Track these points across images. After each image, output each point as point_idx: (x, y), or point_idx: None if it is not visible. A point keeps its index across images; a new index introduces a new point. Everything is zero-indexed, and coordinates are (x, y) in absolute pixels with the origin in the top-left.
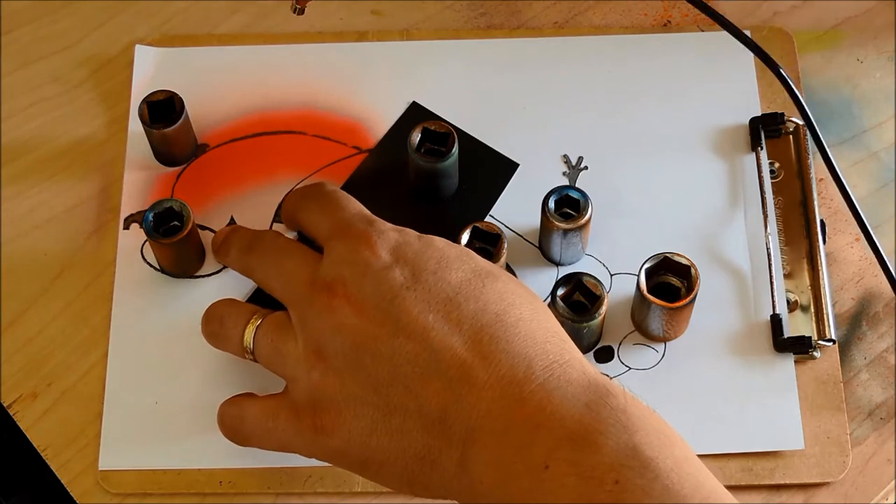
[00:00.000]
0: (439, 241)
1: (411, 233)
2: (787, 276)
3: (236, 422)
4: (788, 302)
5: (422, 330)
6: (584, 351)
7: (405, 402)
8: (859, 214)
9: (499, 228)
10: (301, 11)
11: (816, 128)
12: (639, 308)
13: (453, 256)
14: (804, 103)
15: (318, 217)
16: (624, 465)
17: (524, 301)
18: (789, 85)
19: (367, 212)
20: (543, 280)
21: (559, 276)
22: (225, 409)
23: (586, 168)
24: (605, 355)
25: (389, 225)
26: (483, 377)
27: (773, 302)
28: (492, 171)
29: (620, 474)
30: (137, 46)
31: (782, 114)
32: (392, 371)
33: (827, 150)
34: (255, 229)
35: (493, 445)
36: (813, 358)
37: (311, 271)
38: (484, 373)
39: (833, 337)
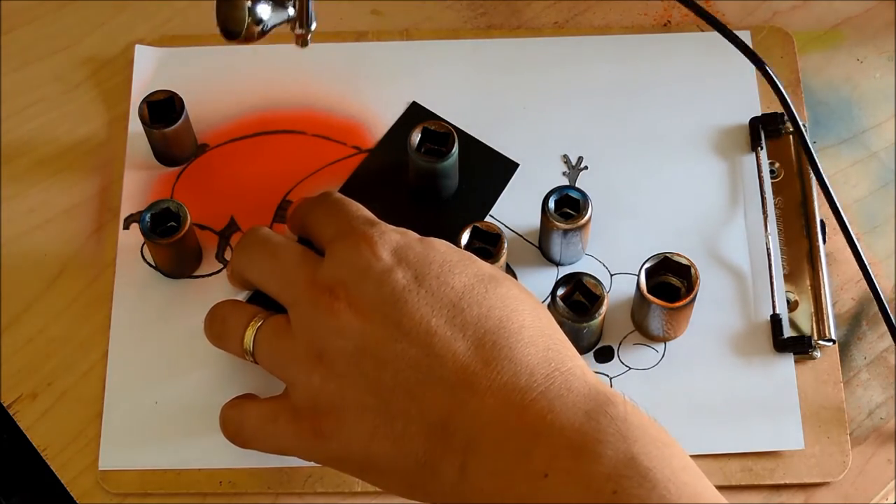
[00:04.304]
0: (441, 245)
1: (413, 235)
2: (787, 276)
3: (237, 425)
4: (788, 302)
5: (425, 335)
6: (584, 351)
7: (407, 408)
8: (845, 225)
9: (499, 228)
10: (305, 44)
11: (806, 135)
12: (639, 308)
13: (456, 260)
14: (795, 113)
15: (322, 221)
16: (622, 474)
17: (527, 307)
18: (782, 95)
19: (370, 215)
20: (543, 280)
21: (559, 276)
22: (226, 412)
23: (586, 168)
24: (605, 355)
25: (391, 227)
26: (485, 384)
27: (773, 302)
28: (492, 171)
29: (618, 484)
30: (137, 46)
31: (782, 114)
32: (394, 376)
33: (816, 160)
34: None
35: (493, 453)
36: (813, 358)
37: (311, 272)
38: (486, 380)
39: (833, 337)
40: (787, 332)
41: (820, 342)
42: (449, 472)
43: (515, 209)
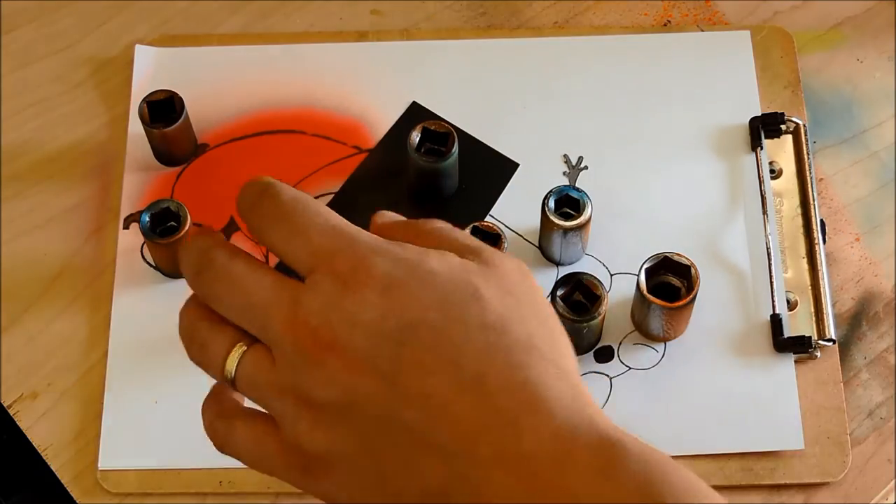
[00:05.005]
0: (440, 277)
1: (403, 263)
2: (787, 276)
3: (222, 439)
4: (788, 302)
5: (420, 396)
6: (584, 351)
7: (401, 473)
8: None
9: (499, 228)
10: None
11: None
12: (639, 308)
13: (457, 301)
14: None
15: (286, 237)
16: None
17: (537, 357)
18: None
19: (345, 226)
20: (543, 280)
21: (559, 276)
22: (212, 420)
23: (586, 168)
24: (605, 355)
25: (377, 246)
26: (486, 453)
27: (773, 302)
28: (492, 171)
29: None
30: (137, 46)
31: (782, 114)
32: (388, 439)
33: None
34: (204, 240)
35: None
36: (813, 358)
37: (290, 307)
38: (487, 448)
39: (833, 337)
40: (787, 332)
41: (820, 342)
42: None
43: (515, 209)
